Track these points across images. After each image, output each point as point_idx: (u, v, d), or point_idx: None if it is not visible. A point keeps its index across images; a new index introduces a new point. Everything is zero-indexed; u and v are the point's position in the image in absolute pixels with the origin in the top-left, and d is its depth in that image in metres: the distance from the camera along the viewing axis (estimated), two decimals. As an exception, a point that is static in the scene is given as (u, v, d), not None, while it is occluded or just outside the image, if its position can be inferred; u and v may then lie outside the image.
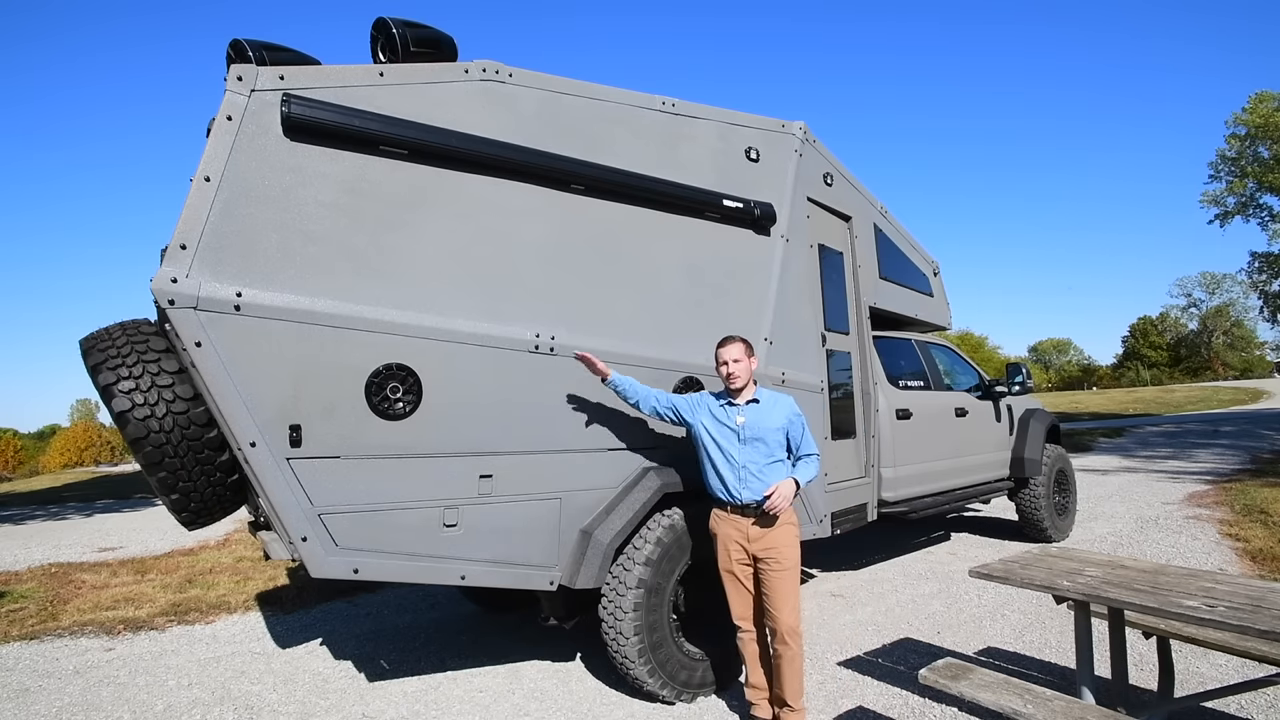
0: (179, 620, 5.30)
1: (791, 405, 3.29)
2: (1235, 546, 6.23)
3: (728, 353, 3.22)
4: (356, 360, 2.82)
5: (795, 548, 3.16)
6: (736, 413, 3.22)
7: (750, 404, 3.24)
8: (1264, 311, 31.78)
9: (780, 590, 3.07)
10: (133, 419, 2.78)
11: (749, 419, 3.19)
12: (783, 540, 3.12)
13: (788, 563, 3.10)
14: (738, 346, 3.23)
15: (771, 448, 3.18)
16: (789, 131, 4.55)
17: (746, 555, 3.16)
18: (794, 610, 3.08)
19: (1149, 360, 74.84)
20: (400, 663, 4.26)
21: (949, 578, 5.62)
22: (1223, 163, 28.33)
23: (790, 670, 3.07)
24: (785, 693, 3.09)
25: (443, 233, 3.08)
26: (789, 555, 3.12)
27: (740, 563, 3.17)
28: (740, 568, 3.17)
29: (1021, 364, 6.68)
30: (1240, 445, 14.50)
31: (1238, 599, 2.42)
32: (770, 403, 3.26)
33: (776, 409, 3.24)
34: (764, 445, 3.17)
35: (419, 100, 3.04)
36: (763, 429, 3.18)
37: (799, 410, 3.29)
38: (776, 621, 3.07)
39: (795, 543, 3.17)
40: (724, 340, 3.28)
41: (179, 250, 2.53)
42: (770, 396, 3.30)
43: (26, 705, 3.86)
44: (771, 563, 3.09)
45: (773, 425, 3.19)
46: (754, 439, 3.16)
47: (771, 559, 3.10)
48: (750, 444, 3.17)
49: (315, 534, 2.75)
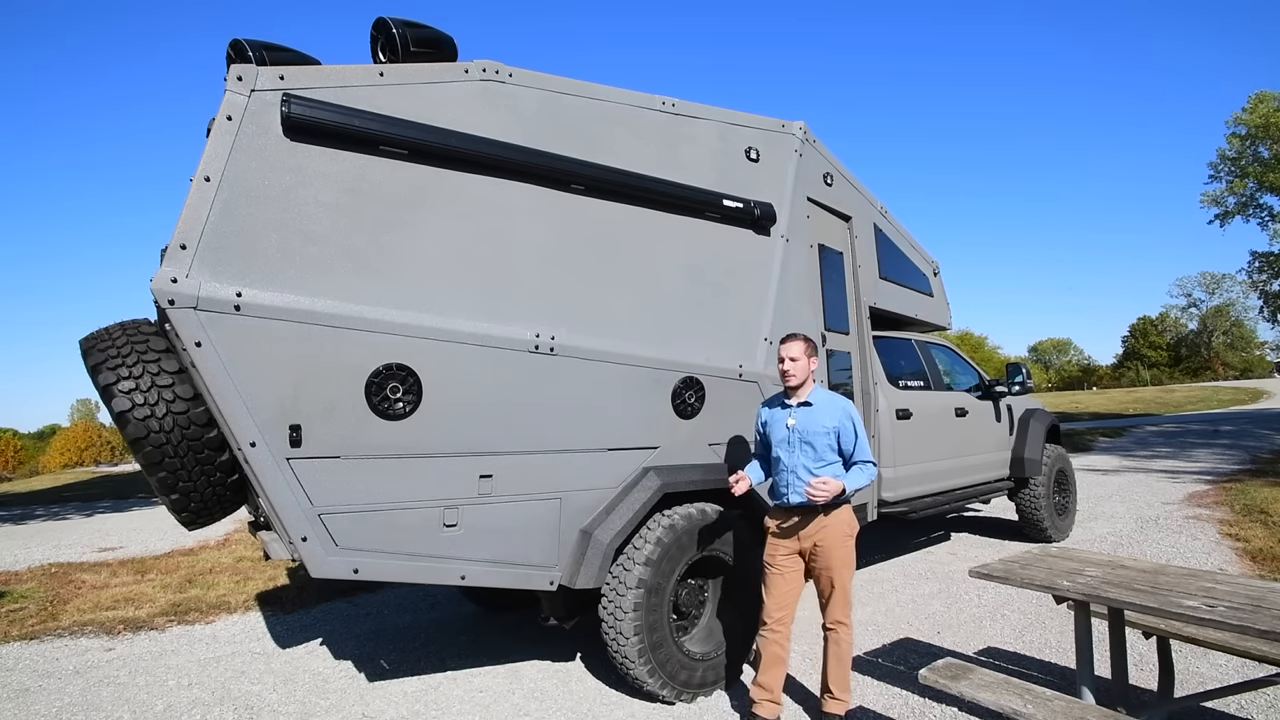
0: (179, 620, 5.30)
1: (846, 409, 3.19)
2: (1235, 546, 6.23)
3: (787, 350, 3.20)
4: (356, 360, 2.82)
5: (847, 546, 3.14)
6: (789, 415, 3.20)
7: (803, 406, 3.20)
8: (1264, 311, 31.79)
9: (835, 586, 3.11)
10: (133, 419, 2.78)
11: (799, 421, 3.17)
12: (833, 538, 3.10)
13: (839, 559, 3.10)
14: (798, 345, 3.19)
15: (820, 451, 3.13)
16: (789, 131, 4.55)
17: (795, 550, 3.15)
18: (846, 606, 3.14)
19: (1149, 360, 74.85)
20: (400, 663, 4.26)
21: (949, 578, 5.62)
22: (1223, 163, 28.35)
23: (837, 658, 3.15)
24: (831, 680, 3.16)
25: (443, 233, 3.08)
26: (840, 553, 3.11)
27: (785, 555, 3.16)
28: (784, 560, 3.16)
29: (1021, 364, 6.68)
30: (1240, 445, 14.50)
31: (1238, 599, 2.42)
32: (824, 405, 3.19)
33: (829, 411, 3.17)
34: (812, 449, 3.13)
35: (419, 100, 3.04)
36: (812, 432, 3.13)
37: (854, 415, 3.19)
38: (829, 614, 3.15)
39: (847, 541, 3.14)
40: (786, 337, 3.26)
41: (179, 250, 2.52)
42: (826, 399, 3.24)
43: (26, 705, 3.86)
44: (822, 557, 3.11)
45: (822, 428, 3.13)
46: (803, 442, 3.14)
47: (822, 553, 3.10)
48: (799, 446, 3.14)
49: (315, 534, 2.75)
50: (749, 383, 4.04)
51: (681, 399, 3.73)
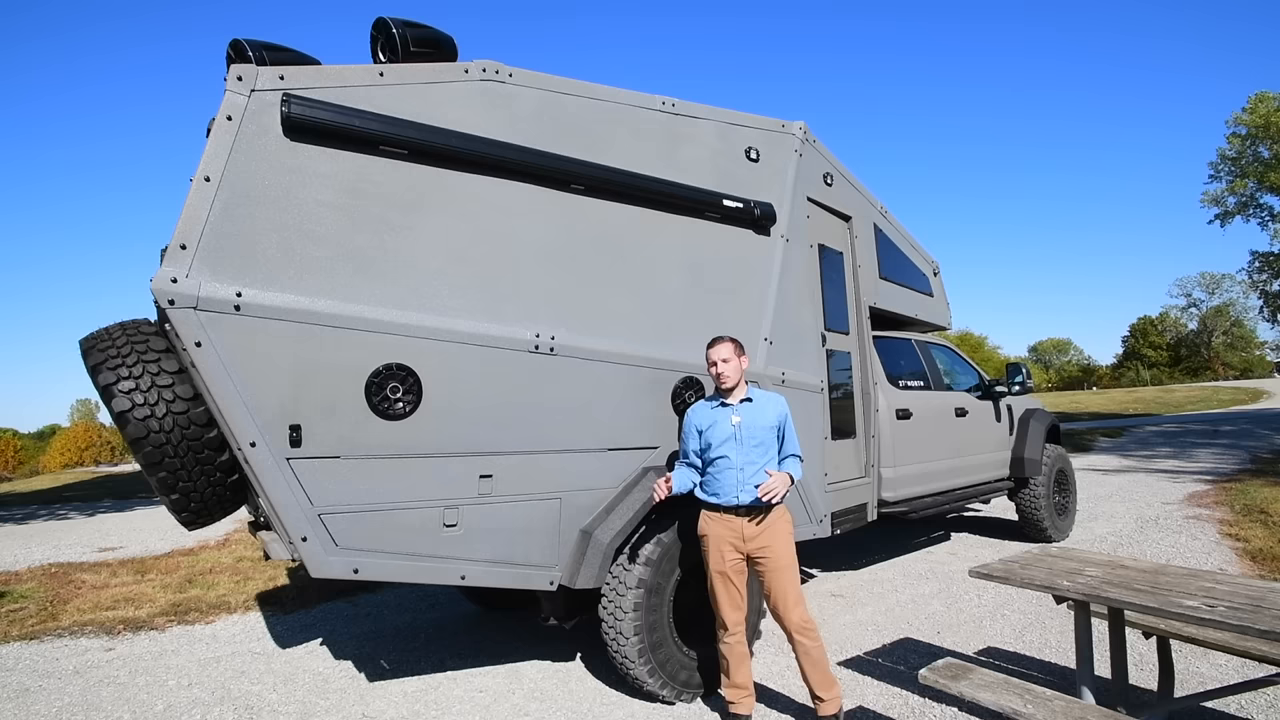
0: (179, 620, 5.30)
1: (782, 404, 3.28)
2: (1235, 546, 6.23)
3: (716, 353, 3.22)
4: (356, 360, 2.82)
5: (790, 544, 3.16)
6: (731, 412, 3.20)
7: (744, 403, 3.22)
8: (1264, 311, 31.80)
9: (782, 587, 3.08)
10: (133, 419, 2.78)
11: (744, 418, 3.18)
12: (778, 537, 3.12)
13: (785, 559, 3.10)
14: (726, 346, 3.22)
15: (767, 447, 3.18)
16: (789, 131, 4.55)
17: (740, 555, 3.14)
18: (799, 604, 3.08)
19: (1149, 360, 74.83)
20: (400, 663, 4.26)
21: (949, 578, 5.62)
22: (1223, 162, 28.36)
23: (811, 663, 3.07)
24: (813, 685, 3.09)
25: (443, 233, 3.08)
26: (785, 552, 3.12)
27: (733, 563, 3.15)
28: (733, 569, 3.15)
29: (1021, 364, 6.68)
30: (1240, 445, 14.50)
31: (1238, 599, 2.42)
32: (763, 401, 3.25)
33: (769, 407, 3.23)
34: (760, 445, 3.16)
35: (419, 100, 3.04)
36: (758, 428, 3.17)
37: (788, 410, 3.29)
38: (786, 620, 3.07)
39: (790, 539, 3.17)
40: (713, 341, 3.28)
41: (179, 250, 2.53)
42: (763, 395, 3.30)
43: (26, 705, 3.86)
44: (768, 560, 3.09)
45: (766, 424, 3.18)
46: (751, 439, 3.15)
47: (768, 556, 3.09)
48: (747, 444, 3.15)
49: (315, 534, 2.75)
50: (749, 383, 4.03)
51: (681, 399, 3.73)
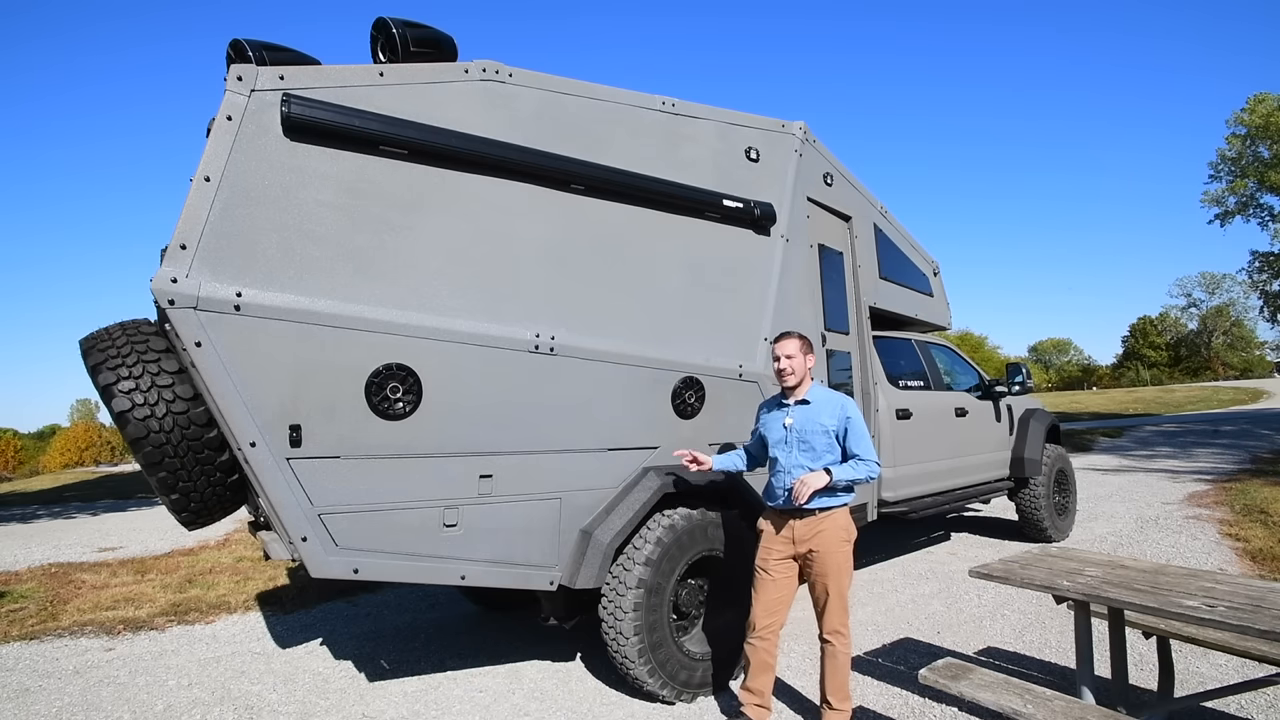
0: (179, 620, 5.30)
1: (845, 407, 3.08)
2: (1235, 546, 6.23)
3: (781, 348, 3.12)
4: (356, 360, 2.82)
5: (841, 549, 3.01)
6: (786, 414, 3.12)
7: (800, 405, 3.11)
8: (1264, 311, 31.76)
9: (825, 592, 2.99)
10: (133, 419, 2.78)
11: (797, 420, 3.08)
12: (827, 542, 2.99)
13: (831, 564, 2.98)
14: (793, 343, 3.11)
15: (819, 451, 3.03)
16: (789, 131, 4.55)
17: (788, 554, 3.06)
18: (839, 611, 2.99)
19: (1149, 360, 74.81)
20: (400, 663, 4.26)
21: (949, 578, 5.62)
22: (1223, 162, 28.35)
23: (833, 669, 3.00)
24: (828, 690, 3.01)
25: (443, 233, 3.08)
26: (832, 557, 2.99)
27: (778, 559, 3.06)
28: (776, 564, 3.06)
29: (1021, 364, 6.68)
30: (1240, 445, 14.50)
31: (1238, 599, 2.42)
32: (822, 403, 3.09)
33: (827, 409, 3.07)
34: (811, 449, 3.04)
35: (419, 100, 3.04)
36: (809, 431, 3.05)
37: (855, 413, 3.09)
38: (821, 621, 3.03)
39: (842, 544, 3.02)
40: (780, 335, 3.18)
41: (179, 250, 2.52)
42: (825, 396, 3.13)
43: (26, 705, 3.86)
44: (815, 564, 3.00)
45: (821, 427, 3.03)
46: (800, 441, 3.05)
47: (815, 560, 3.00)
48: (796, 446, 3.05)
49: (315, 534, 2.75)
50: (749, 383, 4.04)
51: (681, 399, 3.73)
